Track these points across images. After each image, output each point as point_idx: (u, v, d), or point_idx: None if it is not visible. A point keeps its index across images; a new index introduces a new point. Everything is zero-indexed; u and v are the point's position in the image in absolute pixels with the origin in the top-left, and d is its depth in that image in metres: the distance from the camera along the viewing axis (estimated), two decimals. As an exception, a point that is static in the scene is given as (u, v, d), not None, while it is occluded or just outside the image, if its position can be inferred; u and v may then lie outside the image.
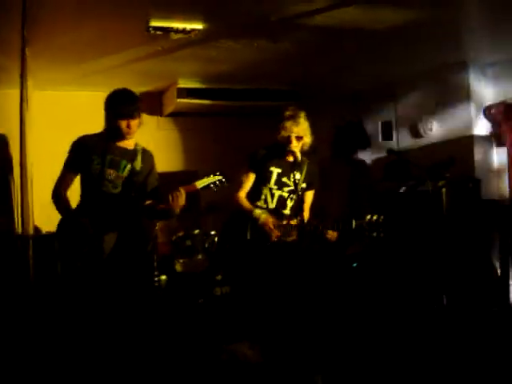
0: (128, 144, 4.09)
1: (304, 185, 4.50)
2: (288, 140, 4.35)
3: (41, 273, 4.27)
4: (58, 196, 3.98)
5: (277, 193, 4.48)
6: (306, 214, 4.56)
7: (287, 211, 4.53)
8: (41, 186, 4.17)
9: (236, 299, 4.86)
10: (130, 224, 4.05)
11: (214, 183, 4.03)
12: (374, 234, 4.06)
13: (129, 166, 4.03)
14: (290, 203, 4.53)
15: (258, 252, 4.38)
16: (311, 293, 4.43)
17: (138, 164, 4.08)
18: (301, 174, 4.45)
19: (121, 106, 3.92)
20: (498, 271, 5.68)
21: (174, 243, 6.13)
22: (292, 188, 4.46)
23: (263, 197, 4.49)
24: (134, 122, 3.96)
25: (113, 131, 3.99)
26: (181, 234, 6.16)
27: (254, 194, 4.51)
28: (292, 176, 4.38)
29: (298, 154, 4.36)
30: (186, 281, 5.88)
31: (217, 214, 6.07)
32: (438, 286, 5.14)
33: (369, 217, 4.09)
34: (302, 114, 4.42)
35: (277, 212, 4.46)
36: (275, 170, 4.45)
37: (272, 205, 4.48)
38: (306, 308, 4.35)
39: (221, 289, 5.75)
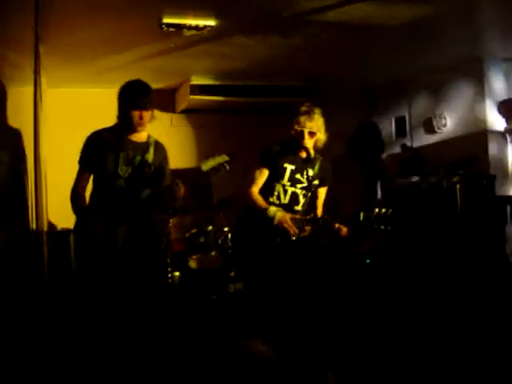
0: (140, 137, 4.12)
1: (317, 181, 4.49)
2: (301, 135, 4.34)
3: (55, 269, 4.29)
4: (77, 196, 4.04)
5: (290, 189, 4.47)
6: (319, 211, 4.56)
7: (299, 207, 4.51)
8: (55, 183, 4.20)
9: (249, 295, 4.87)
10: (139, 217, 4.09)
11: (220, 164, 4.02)
12: (382, 227, 4.05)
13: (140, 160, 4.06)
14: (302, 200, 4.52)
15: (268, 248, 4.38)
16: (324, 289, 4.42)
17: (150, 156, 4.11)
18: (313, 170, 4.44)
19: (134, 97, 3.95)
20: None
21: (187, 240, 6.13)
22: (305, 185, 4.45)
23: (276, 193, 4.48)
24: (146, 114, 3.98)
25: (125, 123, 4.02)
26: (194, 230, 6.16)
27: (267, 190, 4.49)
28: (305, 173, 4.37)
29: (311, 151, 4.35)
30: (200, 277, 5.88)
31: (230, 210, 6.07)
32: (453, 282, 5.12)
33: (377, 210, 4.08)
34: (318, 111, 4.40)
35: (289, 208, 4.44)
36: (289, 167, 4.43)
37: (285, 201, 4.47)
38: (319, 304, 4.34)
39: (234, 285, 5.74)
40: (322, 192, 4.61)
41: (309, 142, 4.35)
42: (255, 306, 4.60)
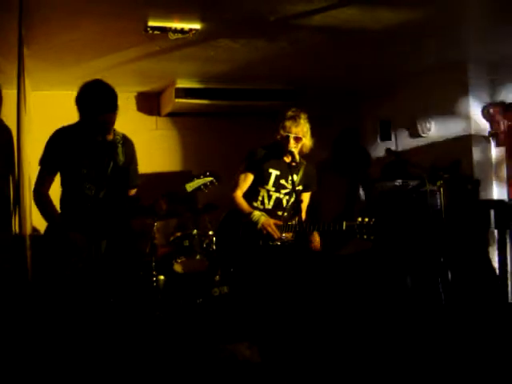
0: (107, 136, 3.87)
1: (301, 187, 4.50)
2: (286, 140, 4.34)
3: (39, 274, 4.24)
4: (40, 195, 3.83)
5: (274, 194, 4.47)
6: (303, 215, 4.56)
7: (282, 213, 4.52)
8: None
9: (234, 299, 4.86)
10: (118, 229, 3.96)
11: (205, 185, 3.91)
12: (365, 237, 4.09)
13: (111, 164, 3.87)
14: (285, 205, 4.52)
15: (251, 252, 4.38)
16: (307, 293, 4.42)
17: (120, 159, 3.93)
18: (297, 176, 4.44)
19: (105, 100, 3.70)
20: (497, 270, 5.68)
21: (172, 244, 6.11)
22: (289, 190, 4.45)
23: (260, 198, 4.48)
24: (116, 115, 3.77)
25: (93, 127, 3.77)
26: (179, 234, 6.15)
27: (251, 195, 4.50)
28: (290, 178, 4.36)
29: (297, 156, 4.34)
30: (185, 281, 5.87)
31: (214, 214, 6.06)
32: (437, 285, 5.14)
33: (360, 219, 4.11)
34: (304, 116, 4.41)
35: (273, 213, 4.45)
36: (274, 172, 4.44)
37: (268, 206, 4.47)
38: (303, 308, 4.35)
39: (219, 289, 5.74)
40: (306, 197, 4.61)
41: (294, 147, 4.34)
42: (240, 310, 4.59)
